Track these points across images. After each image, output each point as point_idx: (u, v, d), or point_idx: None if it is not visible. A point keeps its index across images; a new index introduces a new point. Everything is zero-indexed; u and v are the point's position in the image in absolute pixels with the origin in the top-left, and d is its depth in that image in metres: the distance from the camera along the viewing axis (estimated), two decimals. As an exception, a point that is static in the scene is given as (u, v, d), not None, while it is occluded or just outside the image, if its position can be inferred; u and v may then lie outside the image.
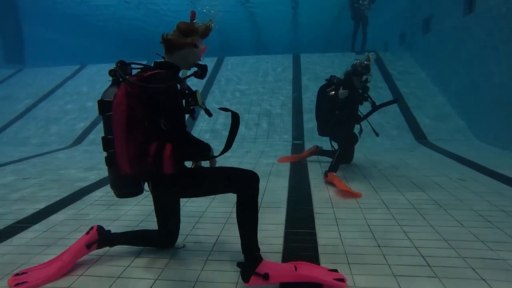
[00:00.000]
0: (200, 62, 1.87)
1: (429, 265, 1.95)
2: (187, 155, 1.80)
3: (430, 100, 7.70)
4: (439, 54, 8.17)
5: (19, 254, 2.21)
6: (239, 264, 1.75)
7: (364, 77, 3.88)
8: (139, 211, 2.90)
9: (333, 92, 3.90)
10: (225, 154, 1.78)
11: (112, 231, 2.14)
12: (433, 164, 4.55)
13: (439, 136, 6.52)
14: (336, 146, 4.17)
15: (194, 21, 1.82)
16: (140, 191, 1.89)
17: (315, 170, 4.28)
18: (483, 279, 1.80)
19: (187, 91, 1.84)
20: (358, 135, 4.12)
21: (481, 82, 6.20)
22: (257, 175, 1.81)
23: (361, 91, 4.00)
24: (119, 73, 1.71)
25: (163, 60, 1.84)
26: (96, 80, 9.98)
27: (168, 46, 1.80)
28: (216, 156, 1.85)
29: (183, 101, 1.83)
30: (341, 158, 3.83)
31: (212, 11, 1.88)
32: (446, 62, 7.79)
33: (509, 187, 3.49)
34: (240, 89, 8.80)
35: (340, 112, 3.91)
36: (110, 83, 1.88)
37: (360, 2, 10.15)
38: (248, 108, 7.89)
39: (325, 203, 3.05)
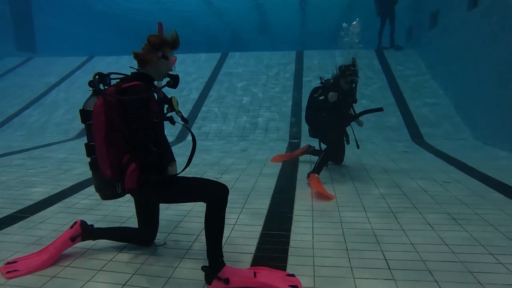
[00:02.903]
0: (172, 72, 2.01)
1: (389, 268, 2.07)
2: (147, 169, 1.88)
3: (432, 98, 7.69)
4: (444, 51, 8.08)
5: (15, 242, 2.42)
6: (203, 268, 1.90)
7: (349, 79, 3.93)
8: (128, 208, 3.07)
9: (322, 96, 3.97)
10: (222, 152, 1.92)
11: (102, 226, 2.33)
12: (423, 166, 4.61)
13: (437, 136, 6.54)
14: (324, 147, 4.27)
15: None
16: (123, 193, 2.02)
17: (304, 172, 4.36)
18: (436, 281, 1.91)
19: (163, 98, 1.97)
20: (344, 139, 4.22)
21: (484, 81, 6.14)
22: (226, 187, 1.95)
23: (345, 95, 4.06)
24: (97, 86, 1.85)
25: (138, 71, 1.98)
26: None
27: (140, 60, 1.94)
28: (176, 175, 1.99)
29: (160, 108, 1.97)
30: (326, 160, 3.93)
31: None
32: (450, 58, 7.71)
33: (493, 190, 3.55)
34: (242, 85, 8.90)
35: (326, 114, 3.99)
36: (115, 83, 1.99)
37: None
38: (248, 105, 8.01)
39: (305, 205, 3.17)
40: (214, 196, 1.90)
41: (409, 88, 8.14)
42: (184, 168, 1.98)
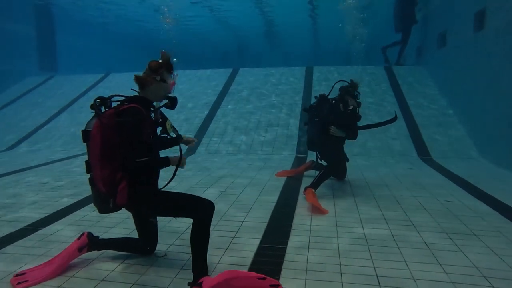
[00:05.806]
0: (170, 95, 2.18)
1: (379, 285, 2.11)
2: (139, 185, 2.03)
3: (440, 116, 7.68)
4: (452, 70, 8.13)
5: (25, 254, 2.56)
6: (189, 284, 1.96)
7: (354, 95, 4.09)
8: (132, 220, 3.19)
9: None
10: (228, 165, 2.05)
11: (109, 237, 2.48)
12: (427, 184, 4.60)
13: (444, 154, 6.51)
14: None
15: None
16: (116, 208, 2.15)
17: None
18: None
19: (160, 120, 2.13)
20: (347, 157, 4.31)
21: (492, 100, 6.13)
22: (212, 204, 2.07)
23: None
24: (97, 109, 2.02)
25: (137, 94, 2.15)
26: (116, 89, 10.58)
27: (140, 84, 2.11)
28: (162, 188, 2.15)
29: (154, 129, 2.14)
30: (325, 177, 3.99)
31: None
32: (458, 78, 7.75)
33: (493, 211, 3.54)
34: (251, 100, 9.10)
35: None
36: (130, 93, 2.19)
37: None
38: (257, 120, 8.16)
39: (305, 220, 3.24)
40: (201, 212, 2.01)
41: (417, 105, 8.16)
42: (168, 183, 2.13)
